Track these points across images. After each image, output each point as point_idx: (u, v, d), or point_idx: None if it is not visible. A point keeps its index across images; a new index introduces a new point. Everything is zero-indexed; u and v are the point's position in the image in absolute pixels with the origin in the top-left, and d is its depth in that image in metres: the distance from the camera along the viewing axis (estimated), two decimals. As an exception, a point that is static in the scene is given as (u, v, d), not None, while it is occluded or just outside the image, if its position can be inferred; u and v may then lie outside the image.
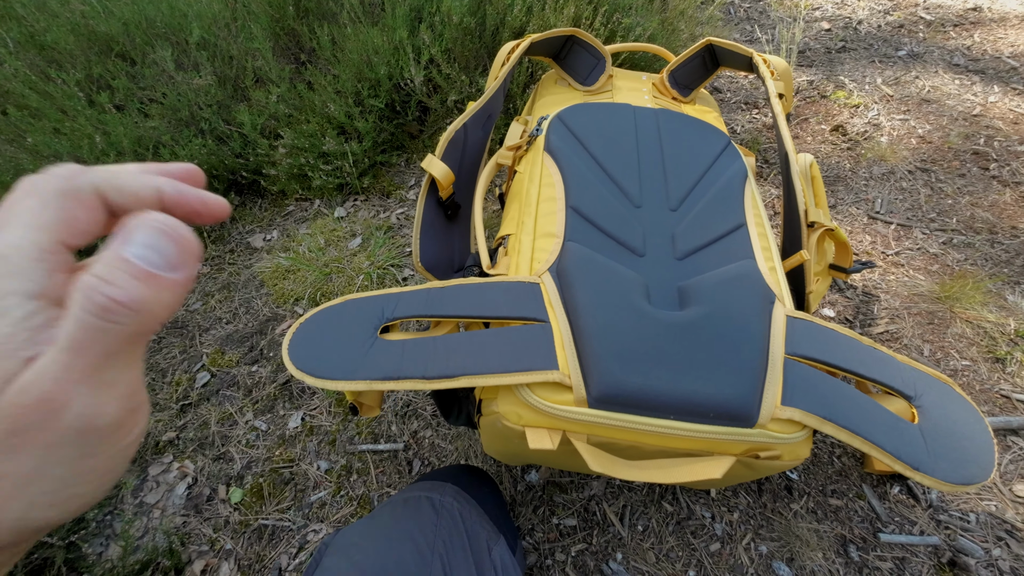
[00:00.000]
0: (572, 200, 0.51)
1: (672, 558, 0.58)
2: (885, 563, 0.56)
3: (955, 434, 0.42)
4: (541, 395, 0.39)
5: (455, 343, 0.42)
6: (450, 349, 0.42)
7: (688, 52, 0.70)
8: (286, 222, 1.10)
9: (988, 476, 0.41)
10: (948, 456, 0.40)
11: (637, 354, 0.38)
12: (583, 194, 0.51)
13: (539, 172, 0.56)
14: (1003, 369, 0.70)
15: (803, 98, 1.23)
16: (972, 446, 0.42)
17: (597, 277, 0.43)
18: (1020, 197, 0.92)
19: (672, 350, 0.39)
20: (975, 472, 0.41)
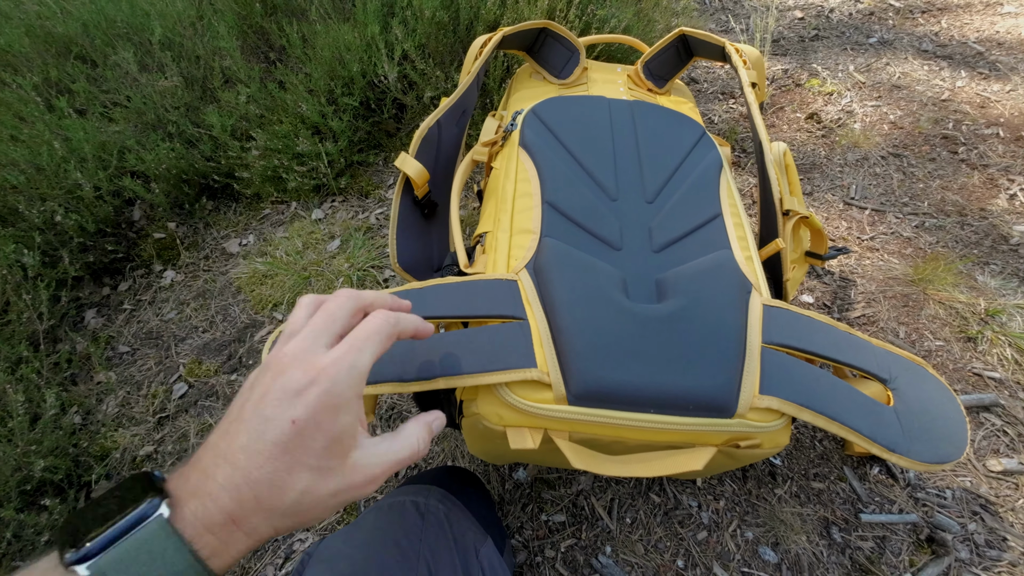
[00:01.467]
0: (548, 195, 0.50)
1: (660, 548, 0.58)
2: (866, 542, 0.57)
3: (929, 415, 0.43)
4: (520, 394, 0.38)
5: (432, 344, 0.42)
6: (427, 350, 0.41)
7: (661, 43, 0.70)
8: (262, 226, 1.08)
9: (961, 454, 0.41)
10: (923, 437, 0.41)
11: (615, 349, 0.38)
12: (559, 189, 0.50)
13: (514, 168, 0.55)
14: (975, 348, 0.71)
15: (778, 87, 1.24)
16: (946, 426, 0.42)
17: (574, 273, 0.43)
18: (988, 180, 0.94)
19: (650, 344, 0.38)
20: (949, 451, 0.41)
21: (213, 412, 0.77)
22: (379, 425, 0.72)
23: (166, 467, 0.72)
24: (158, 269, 0.99)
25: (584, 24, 0.97)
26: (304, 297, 0.28)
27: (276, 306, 0.89)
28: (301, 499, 0.22)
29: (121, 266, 1.00)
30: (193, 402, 0.79)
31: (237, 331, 0.87)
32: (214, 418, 0.76)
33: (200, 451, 0.23)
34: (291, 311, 0.29)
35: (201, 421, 0.76)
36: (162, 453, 0.73)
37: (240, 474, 0.21)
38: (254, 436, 0.21)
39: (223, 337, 0.87)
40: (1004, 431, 0.64)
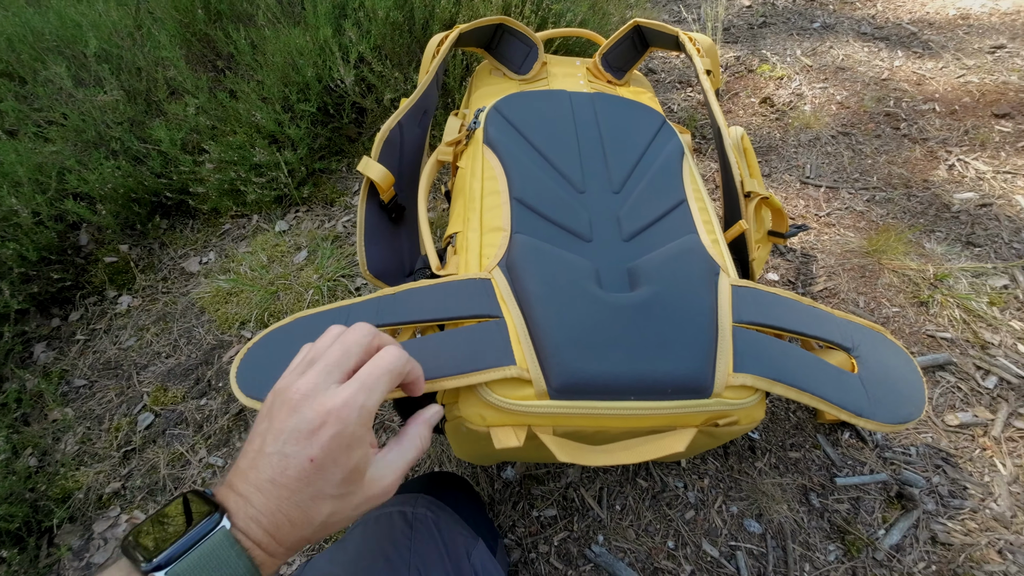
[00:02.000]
0: (516, 191, 0.50)
1: (651, 531, 0.59)
2: (842, 505, 0.59)
3: (890, 379, 0.45)
4: (501, 393, 0.38)
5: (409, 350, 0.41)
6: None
7: (617, 35, 0.71)
8: (223, 242, 1.04)
9: (921, 413, 0.44)
10: (885, 400, 0.43)
11: (592, 340, 0.38)
12: (526, 184, 0.50)
13: (480, 166, 0.54)
14: (927, 311, 0.76)
15: (732, 74, 1.28)
16: (905, 388, 0.45)
17: (547, 267, 0.42)
18: (928, 152, 1.00)
19: (626, 332, 0.39)
20: (910, 411, 0.44)
21: (183, 440, 0.73)
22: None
23: (136, 503, 0.68)
24: (112, 295, 0.94)
25: (540, 19, 0.97)
26: (332, 327, 0.30)
27: (244, 324, 0.85)
28: (328, 519, 0.25)
29: (71, 295, 0.94)
30: (161, 431, 0.75)
31: (203, 353, 0.83)
32: (185, 446, 0.73)
33: (232, 475, 0.25)
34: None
35: (171, 451, 0.72)
36: (131, 488, 0.70)
37: (272, 503, 0.24)
38: (278, 471, 0.24)
39: (189, 361, 0.83)
40: (958, 387, 0.68)
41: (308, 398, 0.25)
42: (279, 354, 0.41)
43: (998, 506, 0.58)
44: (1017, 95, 1.08)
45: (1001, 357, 0.70)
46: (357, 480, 0.26)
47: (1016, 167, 0.94)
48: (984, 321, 0.74)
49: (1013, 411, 0.65)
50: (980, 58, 1.19)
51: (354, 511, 0.26)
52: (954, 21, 1.33)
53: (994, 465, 0.61)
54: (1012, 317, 0.74)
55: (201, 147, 0.99)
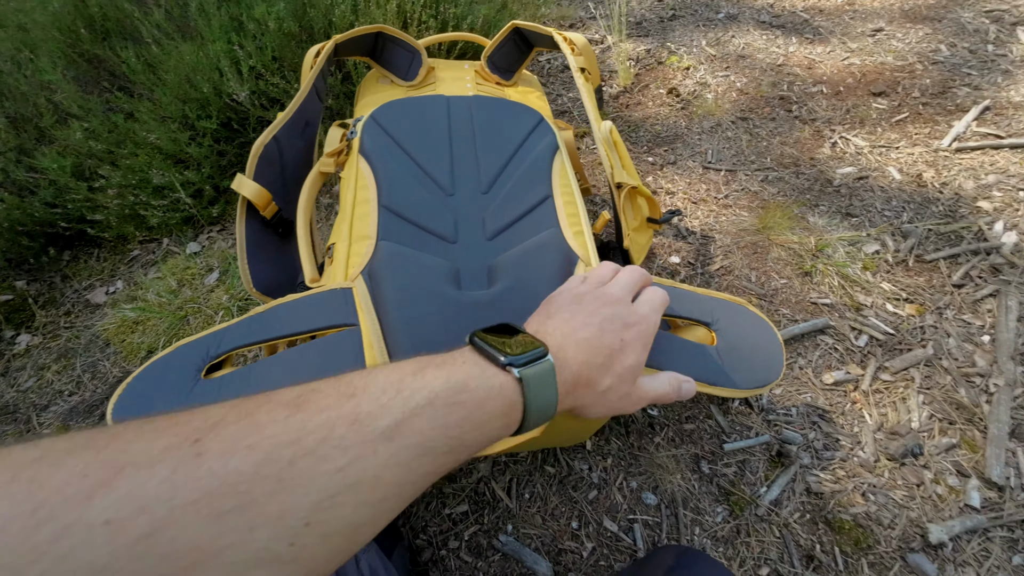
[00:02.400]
0: (384, 199, 0.51)
1: (557, 515, 0.62)
2: (730, 468, 0.64)
3: (747, 347, 0.48)
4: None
5: (267, 366, 0.41)
6: (263, 373, 0.41)
7: (498, 37, 0.72)
8: (131, 269, 1.00)
9: (778, 376, 0.48)
10: (742, 367, 0.47)
11: (441, 340, 0.40)
12: (394, 191, 0.51)
13: (354, 175, 0.55)
14: (811, 281, 0.82)
15: (643, 66, 1.33)
16: (764, 354, 0.49)
17: (403, 271, 0.44)
18: (816, 132, 1.07)
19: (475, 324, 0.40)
20: (767, 375, 0.47)
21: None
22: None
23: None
24: (9, 335, 0.89)
25: (440, 23, 0.98)
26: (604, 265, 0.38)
27: (151, 352, 0.83)
28: (606, 392, 0.30)
29: (-40, 339, 0.88)
30: (63, 472, 0.72)
31: (108, 387, 0.80)
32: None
33: (544, 324, 0.31)
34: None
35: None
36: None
37: (582, 358, 0.29)
38: (595, 337, 0.30)
39: (93, 397, 0.80)
40: (835, 348, 0.74)
41: (621, 301, 0.33)
42: (156, 385, 0.41)
43: (864, 453, 0.63)
44: (892, 74, 1.17)
45: (872, 317, 0.76)
46: (633, 377, 0.32)
47: (890, 141, 1.02)
48: (859, 285, 0.80)
49: (880, 365, 0.71)
50: (862, 41, 1.28)
51: (618, 400, 0.31)
52: (842, 7, 1.43)
53: (863, 416, 0.67)
54: (883, 280, 0.81)
55: (98, 172, 0.95)
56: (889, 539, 0.57)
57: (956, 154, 0.97)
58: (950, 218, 0.87)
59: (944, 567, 0.55)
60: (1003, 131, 0.99)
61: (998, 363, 0.69)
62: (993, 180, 0.92)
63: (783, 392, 0.70)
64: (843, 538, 0.58)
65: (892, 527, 0.58)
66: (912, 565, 0.55)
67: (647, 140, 1.11)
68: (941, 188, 0.92)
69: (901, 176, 0.95)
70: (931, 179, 0.94)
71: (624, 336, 0.31)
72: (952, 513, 0.58)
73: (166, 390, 0.42)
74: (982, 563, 0.55)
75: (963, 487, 0.60)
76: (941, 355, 0.71)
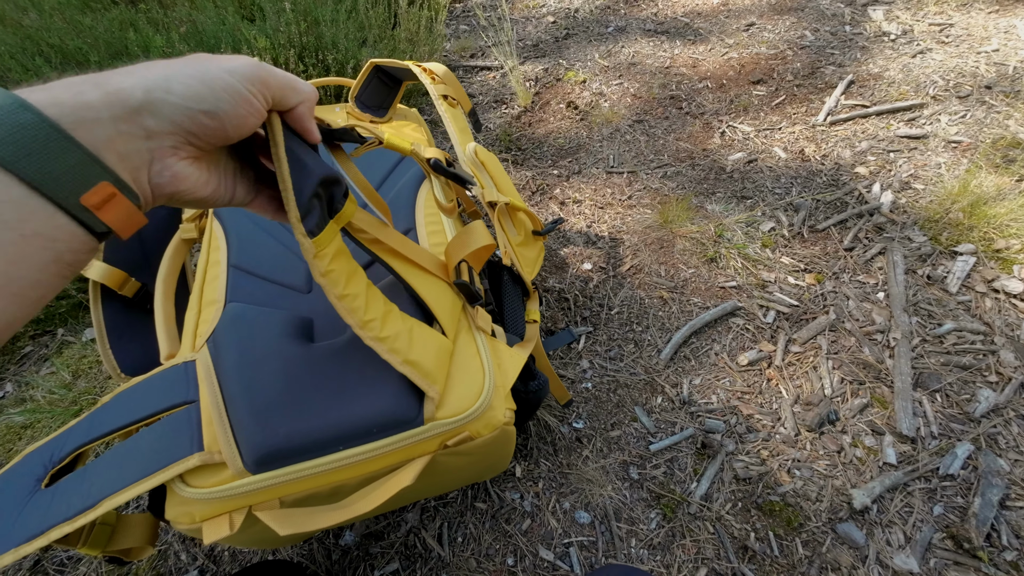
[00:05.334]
0: (233, 258, 0.48)
1: (491, 554, 0.58)
2: (659, 469, 0.62)
3: None
4: (197, 484, 0.35)
5: (100, 464, 0.37)
6: (95, 473, 0.37)
7: (360, 77, 0.72)
8: (21, 368, 0.91)
9: None
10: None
11: (282, 401, 0.37)
12: (244, 249, 0.49)
13: (208, 238, 0.52)
14: (717, 266, 0.83)
15: (543, 85, 1.37)
16: None
17: (246, 333, 0.41)
18: (705, 124, 1.12)
19: (322, 381, 0.38)
20: None
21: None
22: (180, 549, 0.64)
23: None
24: None
25: (323, 69, 0.98)
26: None
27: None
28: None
29: None
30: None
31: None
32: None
33: None
34: None
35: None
36: None
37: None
38: None
39: (-28, 521, 0.71)
40: (746, 328, 0.75)
41: None
42: (11, 499, 0.36)
43: (785, 429, 0.64)
44: (767, 62, 1.25)
45: (777, 292, 0.78)
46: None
47: (772, 123, 1.08)
48: (761, 263, 0.82)
49: (789, 338, 0.72)
50: (738, 36, 1.37)
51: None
52: (717, 8, 1.53)
53: (779, 392, 0.67)
54: (782, 254, 0.83)
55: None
56: (818, 513, 0.57)
57: (831, 127, 1.04)
58: (834, 187, 0.92)
59: (872, 531, 0.55)
60: (868, 101, 1.07)
61: (894, 317, 0.72)
62: (866, 146, 0.98)
63: (702, 381, 0.70)
64: (775, 521, 0.57)
65: (819, 500, 0.58)
66: (842, 535, 0.55)
67: (551, 154, 1.13)
68: (823, 160, 0.98)
69: (786, 154, 1.01)
70: (812, 153, 1.00)
71: None
72: (872, 474, 0.59)
73: (5, 505, 0.37)
74: (907, 519, 0.55)
75: (879, 445, 0.61)
76: (843, 318, 0.74)
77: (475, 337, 0.44)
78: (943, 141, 0.95)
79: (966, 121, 0.97)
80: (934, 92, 1.05)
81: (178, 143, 0.22)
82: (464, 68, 1.47)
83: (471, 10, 1.82)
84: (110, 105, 0.20)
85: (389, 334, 0.35)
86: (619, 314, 0.79)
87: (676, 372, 0.72)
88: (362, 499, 0.39)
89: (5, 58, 0.99)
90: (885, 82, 1.10)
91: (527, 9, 1.78)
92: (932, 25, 1.22)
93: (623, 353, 0.75)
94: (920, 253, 0.79)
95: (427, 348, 0.38)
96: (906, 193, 0.88)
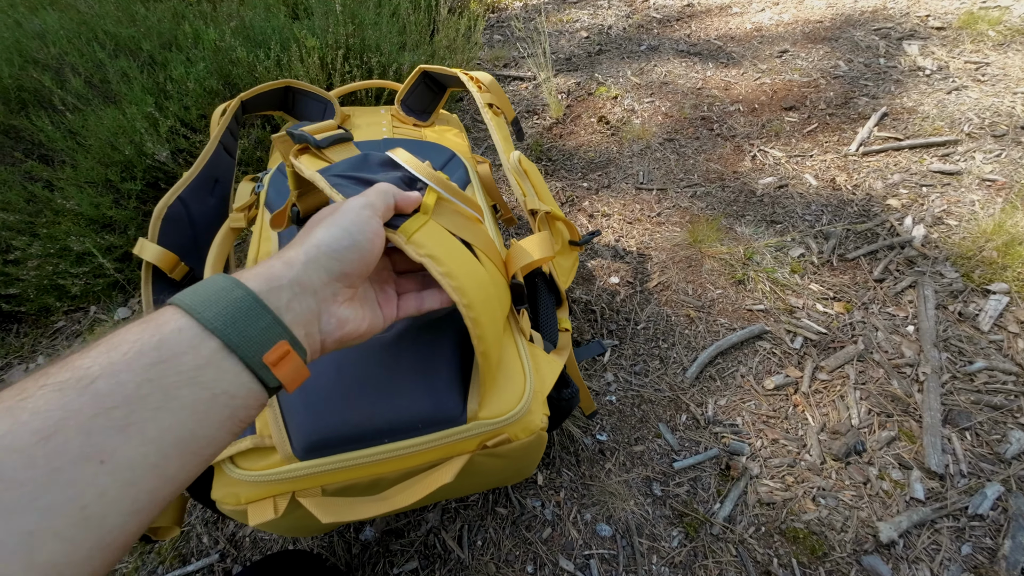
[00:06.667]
0: (287, 251, 0.49)
1: (511, 560, 0.58)
2: (682, 488, 0.62)
3: None
4: (246, 466, 0.36)
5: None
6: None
7: (408, 82, 0.74)
8: (54, 343, 0.94)
9: None
10: None
11: (334, 391, 0.38)
12: (297, 242, 0.50)
13: (259, 229, 0.54)
14: (744, 288, 0.84)
15: (575, 98, 1.39)
16: None
17: (300, 324, 0.42)
18: (736, 147, 1.13)
19: (371, 375, 0.39)
20: None
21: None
22: (203, 532, 0.64)
23: None
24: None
25: (365, 72, 1.00)
26: None
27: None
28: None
29: None
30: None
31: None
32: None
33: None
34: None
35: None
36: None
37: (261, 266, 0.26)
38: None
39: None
40: (773, 352, 0.75)
41: None
42: None
43: (811, 456, 0.63)
44: (800, 90, 1.26)
45: (805, 318, 0.78)
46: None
47: (804, 150, 1.09)
48: (789, 288, 0.82)
49: (817, 365, 0.72)
50: (771, 62, 1.38)
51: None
52: (751, 34, 1.55)
53: (805, 419, 0.67)
54: (810, 280, 0.83)
55: (12, 244, 0.90)
56: (843, 543, 0.56)
57: (863, 158, 1.04)
58: (865, 217, 0.92)
59: (898, 566, 0.54)
60: (901, 134, 1.07)
61: (923, 351, 0.72)
62: (898, 179, 0.98)
63: (728, 402, 0.70)
64: (799, 548, 0.56)
65: (844, 530, 0.57)
66: (867, 568, 0.54)
67: (581, 167, 1.14)
68: (854, 190, 0.98)
69: (817, 182, 1.01)
70: (844, 182, 1.00)
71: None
72: (899, 508, 0.58)
73: None
74: (934, 557, 0.55)
75: (906, 480, 0.60)
76: (872, 349, 0.73)
77: (516, 340, 0.45)
78: (977, 178, 0.95)
79: (1001, 160, 0.97)
80: (969, 129, 1.05)
81: (336, 290, 0.26)
82: (497, 77, 1.50)
83: (506, 21, 1.86)
84: (289, 268, 0.24)
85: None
86: (645, 329, 0.80)
87: (701, 391, 0.72)
88: (402, 492, 0.40)
89: (63, 42, 1.03)
90: (919, 116, 1.11)
91: (561, 23, 1.81)
92: (968, 63, 1.23)
93: (648, 369, 0.75)
94: (952, 289, 0.78)
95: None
96: (938, 228, 0.88)
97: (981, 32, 1.31)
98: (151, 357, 0.19)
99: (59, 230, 0.90)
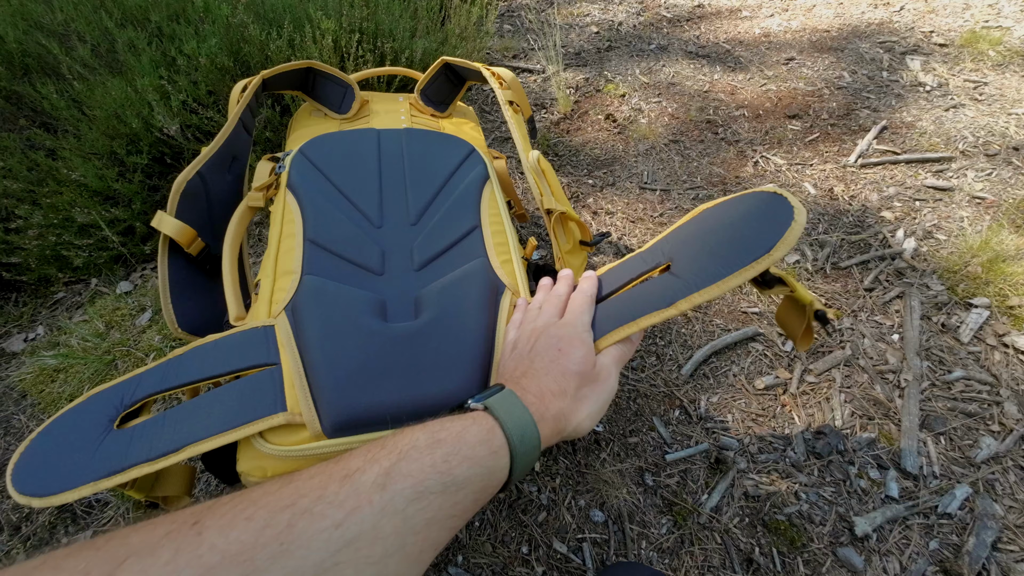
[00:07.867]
0: (309, 233, 0.51)
1: (507, 541, 0.61)
2: (673, 479, 0.65)
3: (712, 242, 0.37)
4: (275, 440, 0.38)
5: (182, 412, 0.40)
6: (177, 420, 0.39)
7: (430, 72, 0.75)
8: (54, 313, 0.94)
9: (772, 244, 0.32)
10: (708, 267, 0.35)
11: (364, 373, 0.39)
12: (320, 225, 0.51)
13: (281, 210, 0.55)
14: (741, 290, 0.87)
15: (583, 94, 1.40)
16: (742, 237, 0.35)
17: (326, 305, 0.43)
18: (739, 152, 1.15)
19: (399, 360, 0.41)
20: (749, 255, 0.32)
21: (-7, 549, 0.64)
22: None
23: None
24: (-96, 393, 0.81)
25: (378, 57, 1.00)
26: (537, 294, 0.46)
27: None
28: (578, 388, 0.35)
29: None
30: (-37, 544, 0.65)
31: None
32: (-5, 555, 0.64)
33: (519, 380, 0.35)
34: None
35: (-24, 564, 0.63)
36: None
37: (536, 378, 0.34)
38: (533, 360, 0.36)
39: (5, 455, 0.73)
40: (764, 354, 0.78)
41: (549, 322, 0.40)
42: (64, 438, 0.39)
43: (795, 454, 0.67)
44: (804, 98, 1.28)
45: (797, 323, 0.81)
46: (588, 361, 0.35)
47: (804, 159, 1.11)
48: (784, 293, 0.86)
49: (805, 368, 0.76)
50: (777, 69, 1.40)
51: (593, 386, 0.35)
52: (759, 39, 1.56)
53: (792, 418, 0.71)
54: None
55: (15, 213, 0.89)
56: (821, 536, 0.60)
57: (861, 169, 1.07)
58: (859, 228, 0.96)
59: (871, 558, 0.58)
60: (899, 148, 1.10)
61: (907, 359, 0.75)
62: (893, 192, 1.01)
63: (719, 400, 0.73)
64: (779, 539, 0.60)
65: (823, 523, 0.61)
66: (842, 559, 0.58)
67: (587, 163, 1.16)
68: (850, 201, 1.01)
69: (816, 191, 1.04)
70: (841, 193, 1.03)
71: (559, 346, 0.36)
72: (875, 504, 0.62)
73: (74, 444, 0.39)
74: (904, 551, 0.59)
75: (883, 479, 0.64)
76: (858, 355, 0.77)
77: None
78: (968, 196, 0.98)
79: (991, 179, 1.01)
80: (963, 147, 1.08)
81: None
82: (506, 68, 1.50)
83: (516, 11, 1.85)
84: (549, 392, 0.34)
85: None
86: (644, 327, 0.82)
87: (695, 388, 0.75)
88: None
89: (69, 7, 1.01)
90: (917, 131, 1.14)
91: (571, 16, 1.80)
92: (967, 81, 1.26)
93: (645, 364, 0.78)
94: (937, 301, 0.82)
95: None
96: (928, 242, 0.91)
97: (982, 51, 1.34)
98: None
99: (62, 200, 0.89)
